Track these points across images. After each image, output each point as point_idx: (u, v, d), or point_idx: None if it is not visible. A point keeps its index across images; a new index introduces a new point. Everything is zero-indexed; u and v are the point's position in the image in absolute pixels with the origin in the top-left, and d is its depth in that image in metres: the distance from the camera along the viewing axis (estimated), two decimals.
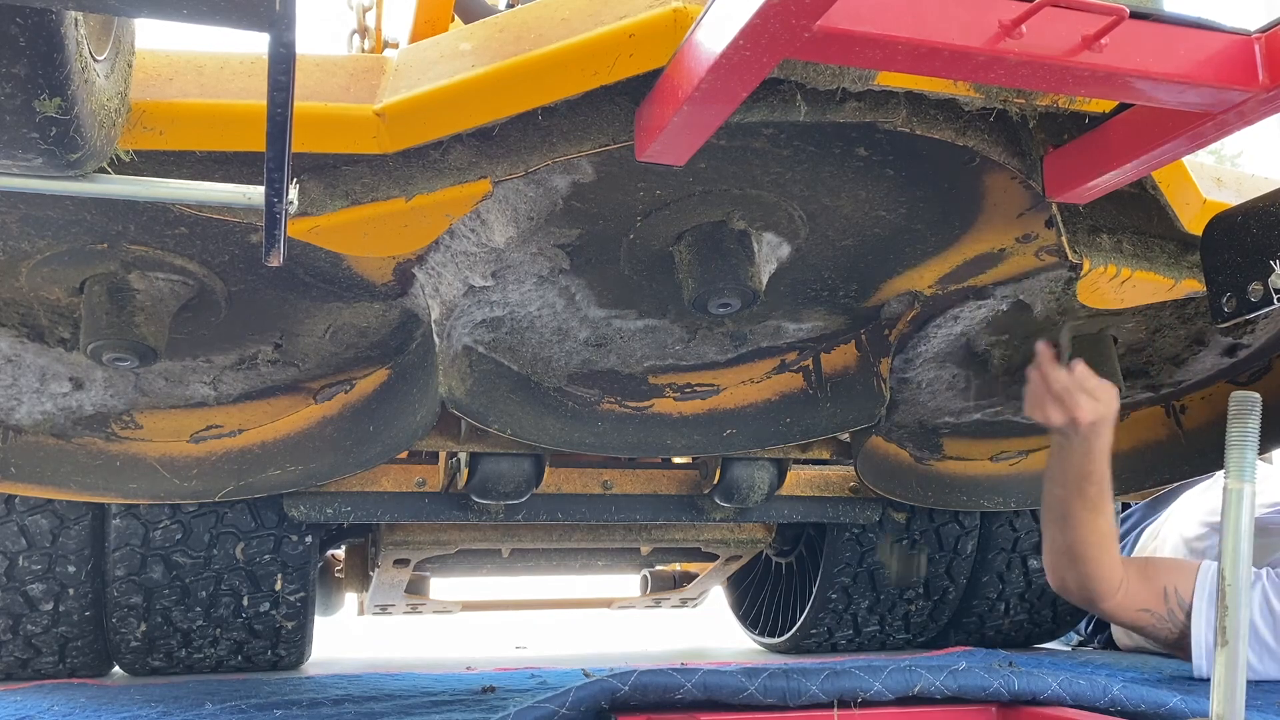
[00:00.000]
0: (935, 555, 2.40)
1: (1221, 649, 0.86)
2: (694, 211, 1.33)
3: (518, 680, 1.87)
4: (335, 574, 2.63)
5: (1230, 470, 0.87)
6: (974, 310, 1.65)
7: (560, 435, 1.71)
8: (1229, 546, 0.86)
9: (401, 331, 1.54)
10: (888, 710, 1.20)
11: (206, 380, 1.60)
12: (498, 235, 1.29)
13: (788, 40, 0.86)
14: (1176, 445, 2.07)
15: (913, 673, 1.20)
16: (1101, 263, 1.42)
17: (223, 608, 2.02)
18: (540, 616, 4.10)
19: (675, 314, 1.56)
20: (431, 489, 1.99)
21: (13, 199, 1.15)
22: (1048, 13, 0.93)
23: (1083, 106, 1.20)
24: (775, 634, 2.72)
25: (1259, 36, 1.01)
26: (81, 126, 0.84)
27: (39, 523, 1.87)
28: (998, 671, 1.23)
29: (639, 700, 1.14)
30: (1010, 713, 1.24)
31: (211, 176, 1.11)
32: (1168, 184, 1.33)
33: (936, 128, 1.21)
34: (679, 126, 1.03)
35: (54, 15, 0.75)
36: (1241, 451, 0.86)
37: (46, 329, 1.42)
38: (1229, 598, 0.85)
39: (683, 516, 2.17)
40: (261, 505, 1.96)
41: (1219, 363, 1.92)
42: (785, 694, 1.17)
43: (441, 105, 1.05)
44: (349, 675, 1.99)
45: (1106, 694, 1.24)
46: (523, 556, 2.55)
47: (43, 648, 1.97)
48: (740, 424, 1.81)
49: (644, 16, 1.01)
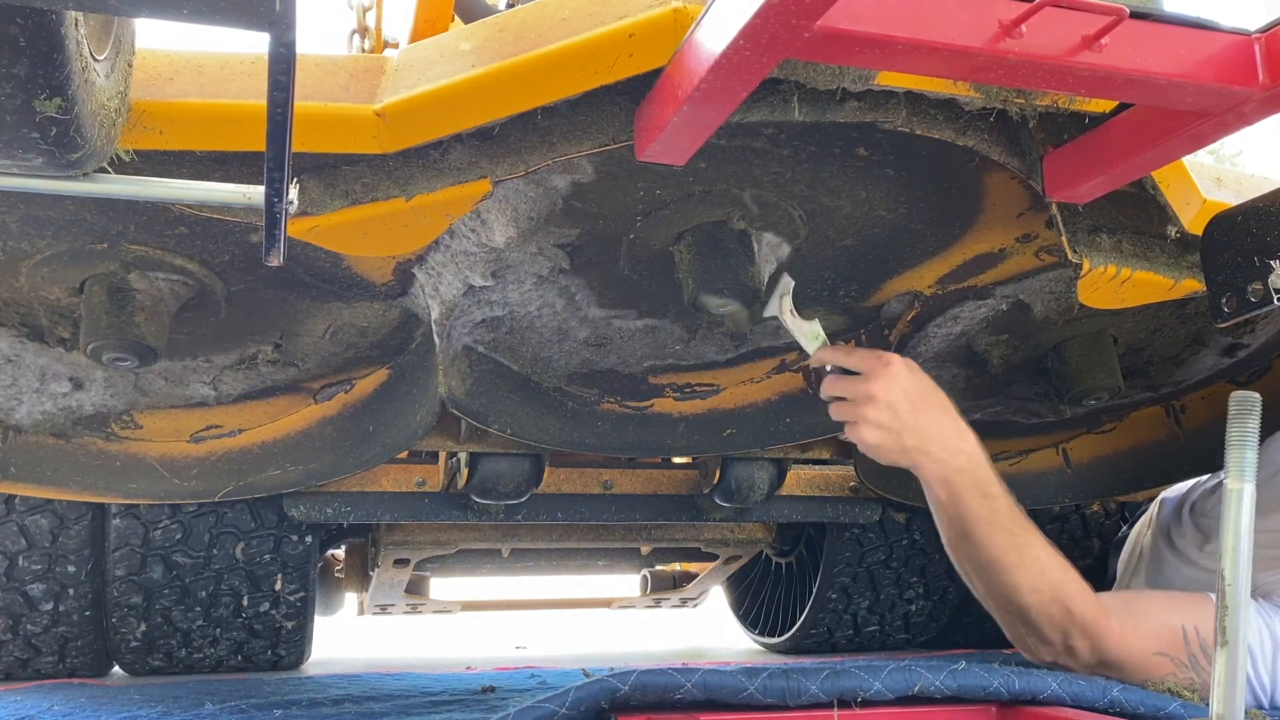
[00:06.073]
0: (935, 555, 2.40)
1: (1221, 649, 0.86)
2: (694, 211, 1.33)
3: (518, 680, 1.87)
4: (335, 574, 2.63)
5: (1230, 470, 0.87)
6: (974, 310, 1.65)
7: (560, 435, 1.71)
8: (1229, 546, 0.86)
9: (401, 331, 1.54)
10: (888, 710, 1.20)
11: (206, 380, 1.60)
12: (498, 235, 1.29)
13: (788, 40, 0.86)
14: (1176, 445, 2.07)
15: (913, 672, 1.20)
16: (1101, 263, 1.42)
17: (223, 608, 2.02)
18: (540, 616, 4.10)
19: (675, 314, 1.56)
20: (431, 489, 1.99)
21: (13, 199, 1.15)
22: (1048, 13, 0.93)
23: (1083, 106, 1.20)
24: (775, 634, 2.72)
25: (1259, 36, 1.01)
26: (81, 126, 0.84)
27: (39, 523, 1.87)
28: (998, 671, 1.23)
29: (639, 700, 1.14)
30: (1010, 712, 1.24)
31: (211, 176, 1.11)
32: (1168, 184, 1.33)
33: (936, 128, 1.21)
34: (679, 126, 1.03)
35: (54, 15, 0.75)
36: (1241, 451, 0.86)
37: (46, 329, 1.42)
38: (1229, 598, 0.85)
39: (683, 516, 2.17)
40: (261, 505, 1.96)
41: (1219, 363, 1.92)
42: (785, 694, 1.17)
43: (441, 105, 1.05)
44: (349, 675, 1.99)
45: (1106, 694, 1.24)
46: (523, 556, 2.55)
47: (43, 648, 1.98)
48: (740, 424, 1.81)
49: (644, 16, 1.01)
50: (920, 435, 1.41)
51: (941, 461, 1.42)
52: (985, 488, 1.42)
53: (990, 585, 1.45)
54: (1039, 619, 1.42)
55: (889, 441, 1.41)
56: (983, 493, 1.42)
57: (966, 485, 1.42)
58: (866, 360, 1.42)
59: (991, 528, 1.41)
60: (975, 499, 1.42)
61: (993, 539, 1.41)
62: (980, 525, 1.41)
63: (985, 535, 1.41)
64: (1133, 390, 1.97)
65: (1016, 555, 1.41)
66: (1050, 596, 1.41)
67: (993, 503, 1.42)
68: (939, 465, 1.42)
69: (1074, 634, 1.41)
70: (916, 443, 1.41)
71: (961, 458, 1.42)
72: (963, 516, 1.42)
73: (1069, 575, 1.43)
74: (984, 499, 1.42)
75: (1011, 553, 1.41)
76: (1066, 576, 1.42)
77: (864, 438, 1.42)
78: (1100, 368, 1.72)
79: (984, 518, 1.41)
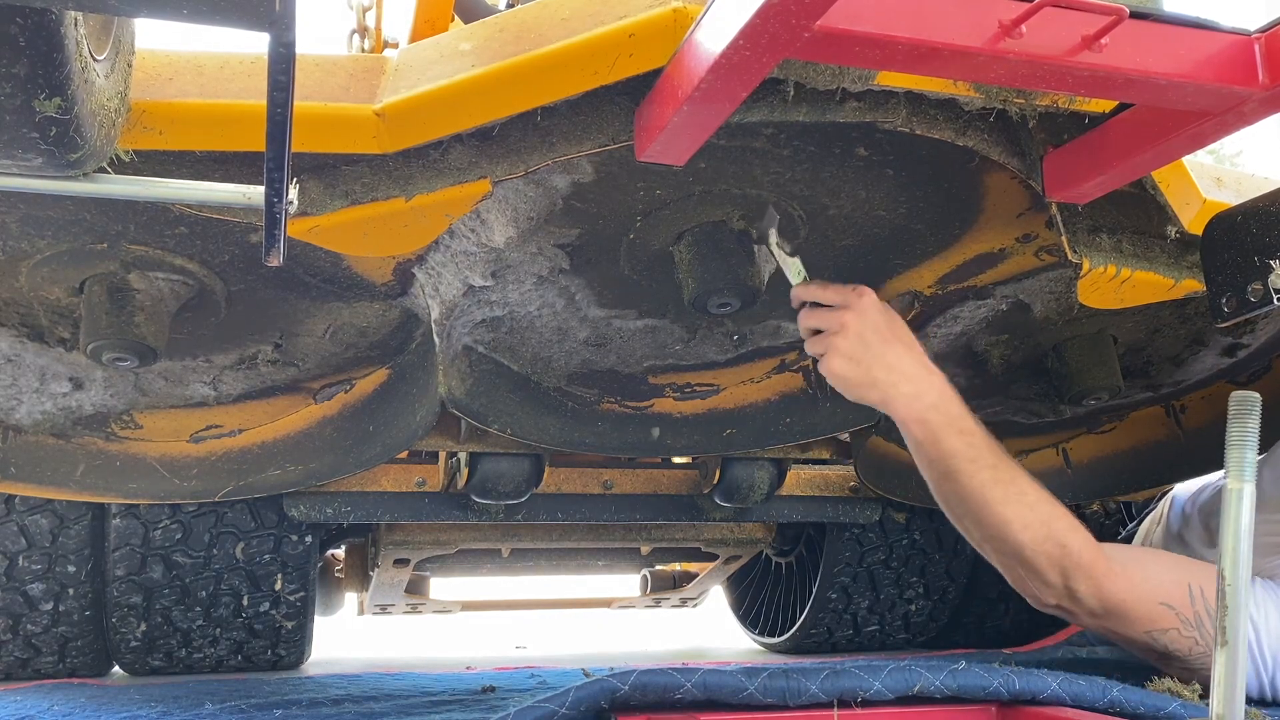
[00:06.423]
0: (935, 555, 2.40)
1: (1221, 649, 0.86)
2: (694, 211, 1.33)
3: (518, 680, 1.87)
4: (335, 574, 2.63)
5: (1230, 470, 0.87)
6: (974, 310, 1.65)
7: (560, 435, 1.71)
8: (1228, 546, 0.86)
9: (401, 331, 1.54)
10: (888, 710, 1.20)
11: (206, 380, 1.60)
12: (497, 235, 1.29)
13: (788, 40, 0.86)
14: (1176, 445, 2.07)
15: (912, 672, 1.20)
16: (1101, 263, 1.42)
17: (223, 608, 2.02)
18: (540, 616, 4.10)
19: (675, 314, 1.56)
20: (431, 489, 1.99)
21: (13, 199, 1.15)
22: (1048, 13, 0.93)
23: (1083, 106, 1.20)
24: (775, 634, 2.72)
25: (1259, 36, 1.01)
26: (81, 126, 0.84)
27: (39, 523, 1.87)
28: (998, 671, 1.23)
29: (639, 700, 1.14)
30: (1010, 712, 1.24)
31: (211, 176, 1.11)
32: (1168, 184, 1.33)
33: (936, 128, 1.21)
34: (679, 126, 1.03)
35: (54, 15, 0.75)
36: (1241, 451, 0.86)
37: (46, 329, 1.42)
38: (1229, 598, 0.85)
39: (683, 516, 2.17)
40: (261, 505, 1.96)
41: (1219, 363, 1.92)
42: (785, 694, 1.17)
43: (441, 105, 1.05)
44: (349, 675, 1.99)
45: (1106, 694, 1.23)
46: (523, 556, 2.55)
47: (43, 647, 1.97)
48: (740, 424, 1.81)
49: (644, 16, 1.01)
50: (890, 369, 1.39)
51: (912, 397, 1.40)
52: (960, 423, 1.40)
53: (983, 528, 1.42)
54: (1035, 558, 1.39)
55: (858, 374, 1.39)
56: (958, 428, 1.40)
57: (941, 422, 1.39)
58: (841, 293, 1.40)
59: (975, 464, 1.39)
60: (952, 436, 1.39)
61: (977, 476, 1.39)
62: (962, 463, 1.39)
63: (969, 473, 1.39)
64: (1133, 390, 1.97)
65: (1001, 491, 1.39)
66: (1043, 533, 1.38)
67: (970, 438, 1.40)
68: (910, 402, 1.40)
69: (1074, 575, 1.39)
70: (886, 375, 1.39)
71: (934, 394, 1.40)
72: (943, 456, 1.40)
73: (1059, 511, 1.41)
74: (960, 434, 1.40)
75: (996, 488, 1.39)
76: (1056, 512, 1.40)
77: (833, 368, 1.40)
78: (1100, 368, 1.72)
79: (964, 454, 1.39)
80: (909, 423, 1.41)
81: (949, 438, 1.40)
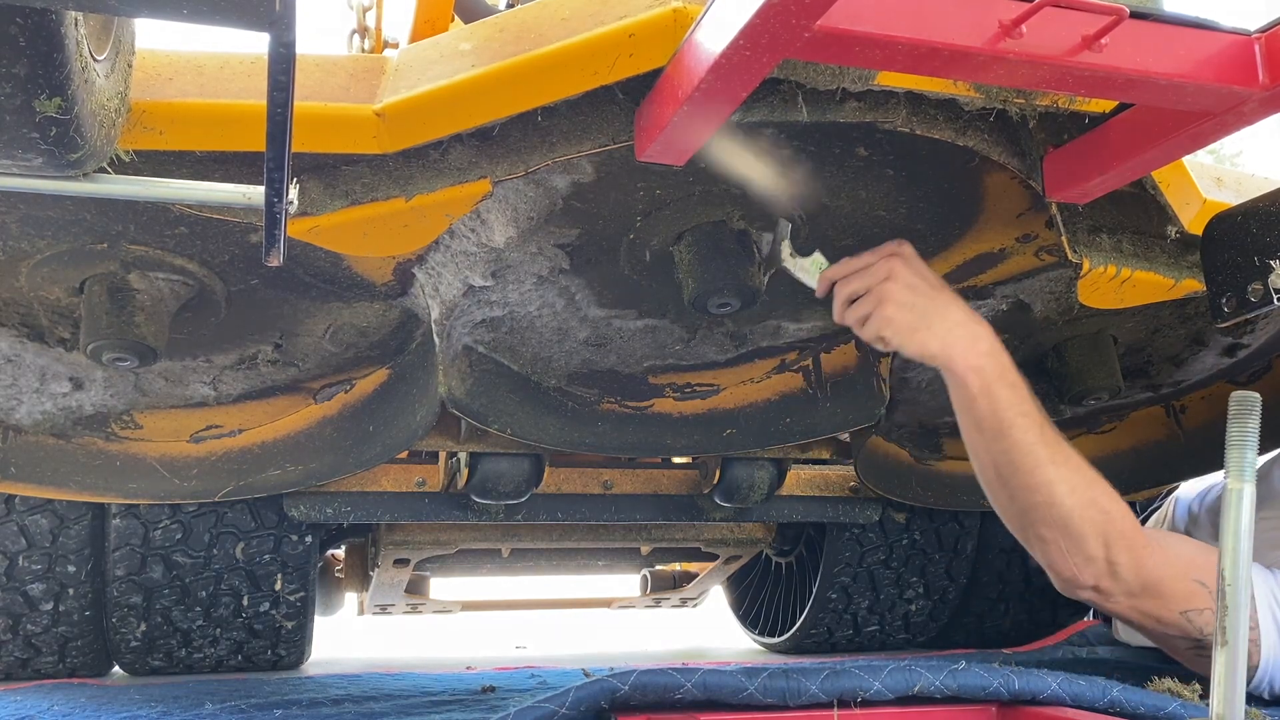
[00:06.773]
0: (935, 555, 2.40)
1: (1221, 649, 0.86)
2: (694, 211, 1.33)
3: (518, 680, 1.87)
4: (335, 574, 2.63)
5: (1230, 470, 0.87)
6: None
7: (560, 435, 1.71)
8: (1228, 546, 0.86)
9: (401, 331, 1.54)
10: (888, 710, 1.20)
11: (206, 380, 1.60)
12: (498, 235, 1.29)
13: (788, 40, 0.86)
14: (1176, 445, 2.07)
15: (912, 672, 1.21)
16: (1101, 263, 1.42)
17: (223, 608, 2.02)
18: (540, 616, 4.09)
19: (675, 314, 1.56)
20: (431, 489, 1.99)
21: (13, 199, 1.15)
22: (1048, 13, 0.93)
23: (1083, 106, 1.20)
24: (775, 634, 2.72)
25: (1259, 36, 1.01)
26: (81, 126, 0.84)
27: (39, 523, 1.87)
28: (998, 671, 1.23)
29: (639, 700, 1.14)
30: (1010, 712, 1.24)
31: (211, 176, 1.11)
32: (1168, 184, 1.34)
33: (936, 128, 1.21)
34: (679, 126, 1.03)
35: (54, 15, 0.75)
36: (1241, 451, 0.86)
37: (46, 329, 1.42)
38: (1229, 598, 0.86)
39: (683, 516, 2.17)
40: (261, 505, 1.96)
41: (1219, 363, 1.92)
42: (785, 694, 1.17)
43: (441, 105, 1.05)
44: (349, 675, 1.99)
45: (1106, 694, 1.24)
46: (523, 556, 2.55)
47: (43, 647, 1.97)
48: (740, 424, 1.81)
49: (644, 16, 1.01)
50: (944, 315, 1.32)
51: (970, 341, 1.32)
52: (1010, 375, 1.34)
53: (1030, 492, 1.34)
54: (1081, 524, 1.33)
55: (914, 319, 1.31)
56: (1009, 380, 1.34)
57: (996, 372, 1.32)
58: (876, 251, 1.34)
59: (1027, 419, 1.32)
60: (1005, 387, 1.33)
61: (1028, 433, 1.32)
62: (1015, 416, 1.32)
63: (1021, 428, 1.32)
64: (1133, 390, 1.97)
65: (1049, 451, 1.33)
66: (1088, 497, 1.33)
67: (1020, 391, 1.34)
68: (969, 346, 1.32)
69: (1116, 546, 1.33)
70: (941, 321, 1.32)
71: (987, 339, 1.34)
72: (996, 410, 1.32)
73: (1098, 476, 1.36)
74: (1011, 387, 1.34)
75: (1044, 448, 1.33)
76: (1096, 477, 1.36)
77: (888, 315, 1.31)
78: (1100, 368, 1.72)
79: (1017, 407, 1.32)
80: (966, 372, 1.33)
81: (1002, 389, 1.33)
